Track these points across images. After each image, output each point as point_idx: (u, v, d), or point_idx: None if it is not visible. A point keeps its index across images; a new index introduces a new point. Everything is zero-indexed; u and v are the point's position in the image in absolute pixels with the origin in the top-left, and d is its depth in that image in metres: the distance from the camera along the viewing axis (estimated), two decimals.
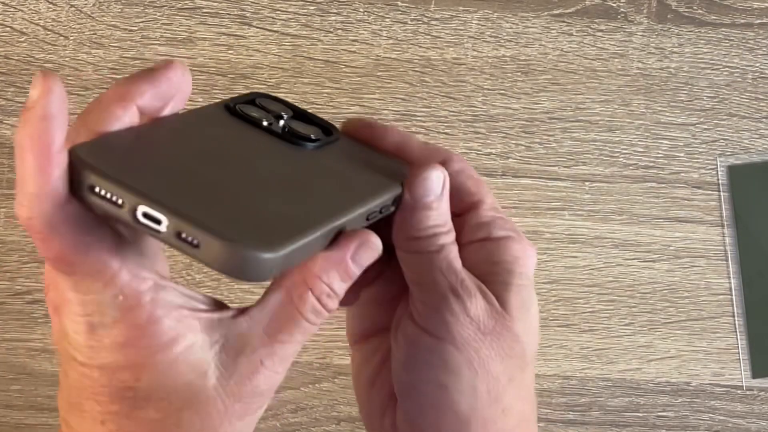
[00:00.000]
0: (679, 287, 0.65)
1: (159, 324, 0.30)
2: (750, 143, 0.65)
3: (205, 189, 0.30)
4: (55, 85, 0.29)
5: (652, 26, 0.65)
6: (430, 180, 0.35)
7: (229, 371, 0.31)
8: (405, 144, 0.38)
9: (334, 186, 0.35)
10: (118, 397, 0.30)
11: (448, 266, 0.35)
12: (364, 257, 0.33)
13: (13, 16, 0.64)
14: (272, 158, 0.35)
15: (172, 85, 0.32)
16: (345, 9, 0.64)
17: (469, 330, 0.35)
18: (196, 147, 0.33)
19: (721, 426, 0.64)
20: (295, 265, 0.30)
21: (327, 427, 0.63)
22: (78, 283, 0.29)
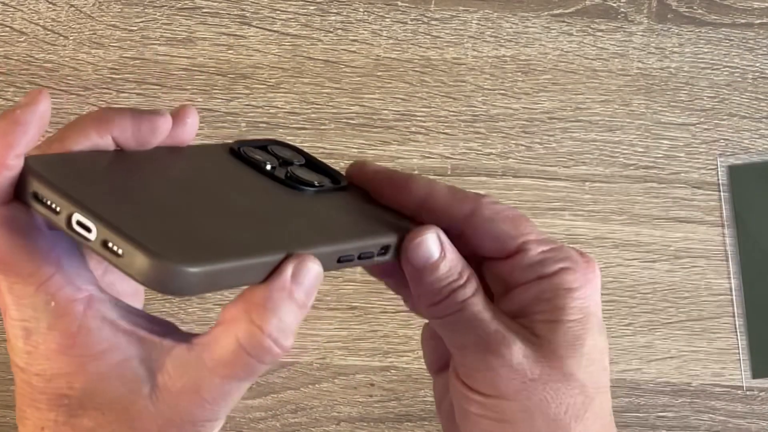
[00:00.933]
0: (679, 287, 0.65)
1: (90, 334, 0.30)
2: (750, 143, 0.65)
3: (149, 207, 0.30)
4: (42, 102, 0.31)
5: (652, 26, 0.65)
6: (424, 244, 0.34)
7: (165, 395, 0.30)
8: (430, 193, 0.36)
9: (309, 225, 0.34)
10: (55, 405, 0.30)
11: (474, 323, 0.34)
12: (306, 278, 0.30)
13: (12, 16, 0.64)
14: (253, 193, 0.34)
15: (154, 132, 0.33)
16: (345, 9, 0.64)
17: (515, 381, 0.34)
18: (166, 174, 0.33)
19: (721, 426, 0.64)
20: (225, 287, 0.29)
21: (327, 428, 0.63)
22: (12, 286, 0.30)
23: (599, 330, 0.35)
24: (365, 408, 0.63)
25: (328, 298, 0.64)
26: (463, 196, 0.36)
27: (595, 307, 0.35)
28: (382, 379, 0.63)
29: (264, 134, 0.63)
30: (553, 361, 0.34)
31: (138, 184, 0.32)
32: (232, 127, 0.64)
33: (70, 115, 0.63)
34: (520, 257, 0.35)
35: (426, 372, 0.64)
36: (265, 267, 0.29)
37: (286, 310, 0.29)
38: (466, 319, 0.34)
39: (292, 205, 0.35)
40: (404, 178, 0.36)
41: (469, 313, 0.34)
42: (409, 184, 0.36)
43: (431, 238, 0.34)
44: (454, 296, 0.34)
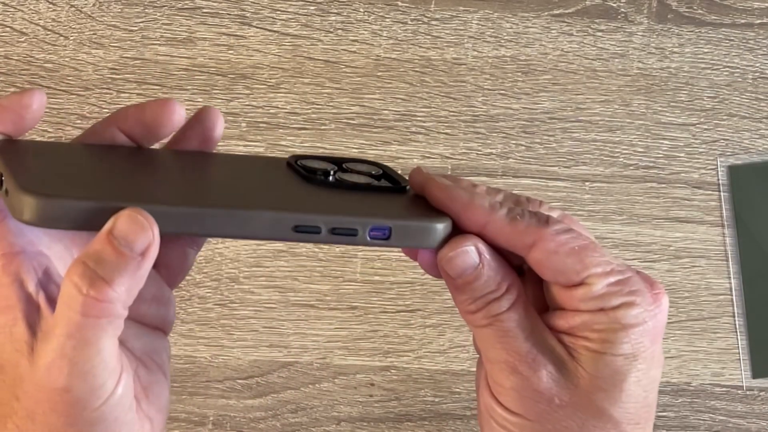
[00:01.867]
0: (679, 287, 0.65)
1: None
2: (750, 143, 0.65)
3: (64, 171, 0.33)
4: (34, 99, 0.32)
5: (652, 26, 0.65)
6: (460, 257, 0.33)
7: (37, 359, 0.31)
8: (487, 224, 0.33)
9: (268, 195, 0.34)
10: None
11: (506, 339, 0.33)
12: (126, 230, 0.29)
13: (13, 16, 0.64)
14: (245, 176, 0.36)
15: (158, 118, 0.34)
16: (345, 9, 0.64)
17: (541, 404, 0.33)
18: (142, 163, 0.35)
19: (721, 426, 0.64)
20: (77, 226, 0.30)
21: (327, 427, 0.63)
22: None
23: (650, 365, 0.33)
24: (365, 408, 0.63)
25: (328, 298, 0.64)
26: (524, 230, 0.33)
27: (651, 342, 0.33)
28: (382, 379, 0.63)
29: (264, 134, 0.64)
30: (587, 392, 0.33)
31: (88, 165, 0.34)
32: (232, 127, 0.64)
33: (70, 115, 0.63)
34: (583, 290, 0.33)
35: (426, 372, 0.64)
36: (105, 214, 0.30)
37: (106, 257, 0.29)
38: (498, 333, 0.33)
39: (288, 188, 0.35)
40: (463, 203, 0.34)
41: (502, 328, 0.33)
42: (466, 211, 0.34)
43: (469, 252, 0.33)
44: (489, 309, 0.33)
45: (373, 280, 0.64)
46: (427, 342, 0.64)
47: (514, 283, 0.34)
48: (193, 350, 0.63)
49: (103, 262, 0.30)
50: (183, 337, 0.63)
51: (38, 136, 0.63)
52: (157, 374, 0.37)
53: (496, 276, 0.33)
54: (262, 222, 0.32)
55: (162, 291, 0.37)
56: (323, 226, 0.32)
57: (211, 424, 0.63)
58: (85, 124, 0.63)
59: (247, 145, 0.63)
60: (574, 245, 0.33)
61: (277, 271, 0.64)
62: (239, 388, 0.63)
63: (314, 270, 0.64)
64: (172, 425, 0.63)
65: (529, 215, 0.33)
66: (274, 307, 0.63)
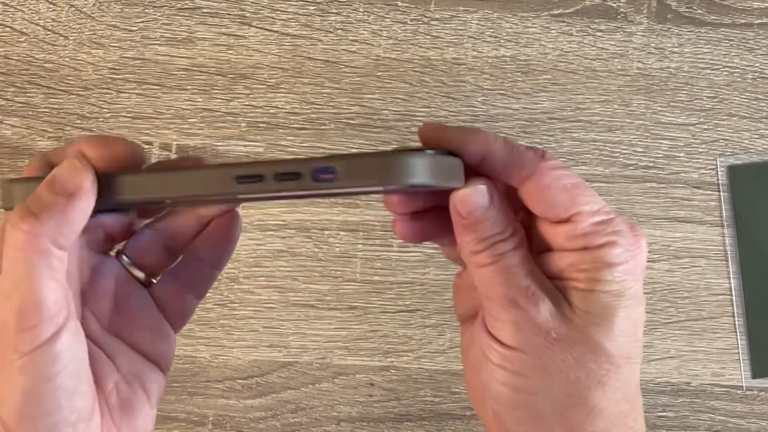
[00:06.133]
0: (679, 287, 0.65)
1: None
2: (750, 143, 0.65)
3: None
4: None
5: (652, 26, 0.65)
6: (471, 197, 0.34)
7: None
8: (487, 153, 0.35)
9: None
10: None
11: (508, 276, 0.34)
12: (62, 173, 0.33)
13: (13, 16, 0.64)
14: None
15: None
16: (345, 9, 0.64)
17: (538, 337, 0.34)
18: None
19: (721, 426, 0.64)
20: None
21: (327, 427, 0.63)
22: None
23: (636, 303, 0.35)
24: (365, 408, 0.63)
25: (328, 298, 0.64)
26: (521, 159, 0.35)
27: (633, 281, 0.35)
28: (382, 379, 0.63)
29: (264, 134, 0.64)
30: (581, 327, 0.34)
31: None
32: (232, 127, 0.64)
33: (70, 114, 0.63)
34: (570, 227, 0.35)
35: (426, 372, 0.64)
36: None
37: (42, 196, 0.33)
38: (501, 270, 0.34)
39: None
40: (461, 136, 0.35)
41: (505, 265, 0.34)
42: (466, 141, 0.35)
43: (482, 191, 0.34)
44: (495, 248, 0.35)
45: (372, 280, 0.64)
46: (426, 342, 0.64)
47: (518, 228, 0.35)
48: (193, 350, 0.63)
49: (37, 201, 0.33)
50: (183, 337, 0.63)
51: (38, 136, 0.63)
52: (139, 397, 0.38)
53: (504, 219, 0.35)
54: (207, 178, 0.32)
55: (160, 324, 0.40)
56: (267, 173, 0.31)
57: (211, 424, 0.63)
58: (85, 124, 0.63)
59: (247, 145, 0.63)
60: (566, 182, 0.34)
61: (276, 271, 0.64)
62: (239, 388, 0.63)
63: (314, 270, 0.64)
64: (172, 425, 0.63)
65: (526, 148, 0.35)
66: (273, 307, 0.63)
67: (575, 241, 0.34)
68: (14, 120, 0.63)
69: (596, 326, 0.34)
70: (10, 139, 0.63)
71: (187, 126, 0.64)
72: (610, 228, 0.34)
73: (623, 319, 0.34)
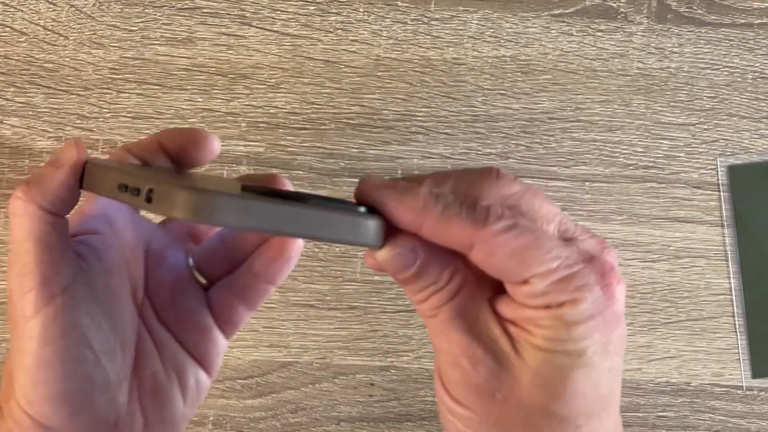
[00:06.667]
0: (679, 287, 0.65)
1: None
2: (750, 143, 0.65)
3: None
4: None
5: (652, 26, 0.65)
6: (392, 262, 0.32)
7: None
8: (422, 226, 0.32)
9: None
10: None
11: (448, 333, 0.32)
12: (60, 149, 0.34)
13: (13, 16, 0.64)
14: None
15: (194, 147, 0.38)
16: (345, 9, 0.64)
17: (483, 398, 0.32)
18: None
19: (721, 426, 0.64)
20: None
21: (327, 427, 0.63)
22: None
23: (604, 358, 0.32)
24: (365, 408, 0.63)
25: (328, 298, 0.64)
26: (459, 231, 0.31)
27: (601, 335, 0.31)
28: (382, 379, 0.63)
29: (264, 134, 0.64)
30: (528, 388, 0.32)
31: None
32: (232, 127, 0.64)
33: (70, 114, 0.63)
34: (527, 288, 0.32)
35: (426, 372, 0.64)
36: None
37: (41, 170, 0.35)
38: (441, 324, 0.33)
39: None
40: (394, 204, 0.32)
41: (444, 320, 0.32)
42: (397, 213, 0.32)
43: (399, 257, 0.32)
44: (430, 301, 0.33)
45: (373, 280, 0.64)
46: (426, 342, 0.64)
47: (457, 271, 0.33)
48: None
49: (34, 173, 0.35)
50: None
51: (38, 136, 0.63)
52: (174, 390, 0.39)
53: (436, 268, 0.32)
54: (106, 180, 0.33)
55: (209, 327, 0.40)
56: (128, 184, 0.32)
57: (211, 424, 0.63)
58: (85, 124, 0.63)
59: (247, 145, 0.63)
60: (514, 245, 0.31)
61: None
62: (239, 388, 0.63)
63: (314, 270, 0.64)
64: None
65: (466, 212, 0.31)
66: (273, 307, 0.63)
67: (534, 300, 0.31)
68: (14, 120, 0.63)
69: (544, 389, 0.32)
70: (10, 139, 0.63)
71: (188, 126, 0.64)
72: (573, 284, 0.31)
73: (579, 381, 0.32)
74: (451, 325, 0.32)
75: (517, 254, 0.31)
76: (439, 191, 0.32)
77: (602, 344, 0.32)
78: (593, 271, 0.32)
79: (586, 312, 0.31)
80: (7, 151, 0.63)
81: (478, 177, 0.33)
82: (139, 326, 0.38)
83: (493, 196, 0.32)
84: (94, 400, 0.35)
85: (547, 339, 0.31)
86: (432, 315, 0.33)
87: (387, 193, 0.32)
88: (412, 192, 0.32)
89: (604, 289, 0.32)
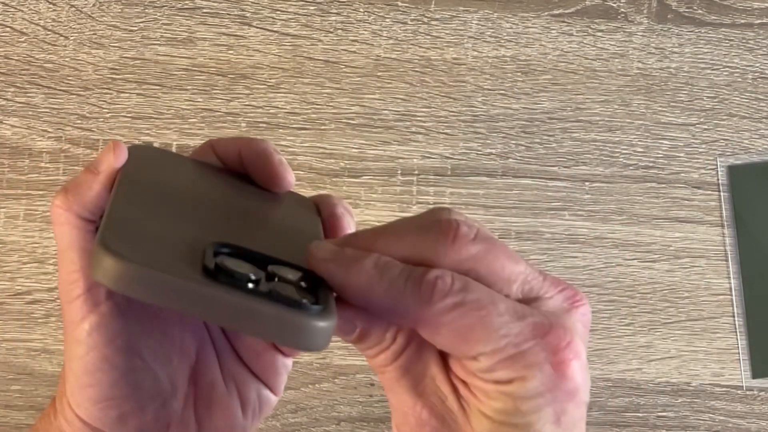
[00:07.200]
0: (679, 287, 0.65)
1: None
2: (750, 143, 0.65)
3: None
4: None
5: (652, 26, 0.65)
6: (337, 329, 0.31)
7: None
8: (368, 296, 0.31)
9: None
10: None
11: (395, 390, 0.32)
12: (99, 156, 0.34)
13: (13, 16, 0.64)
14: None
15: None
16: (345, 9, 0.64)
17: None
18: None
19: (721, 426, 0.64)
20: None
21: (327, 427, 0.63)
22: None
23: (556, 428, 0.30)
24: (365, 408, 0.63)
25: None
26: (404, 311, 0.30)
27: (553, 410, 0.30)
28: None
29: (264, 134, 0.64)
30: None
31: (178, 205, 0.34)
32: (232, 127, 0.64)
33: (70, 115, 0.63)
34: (474, 364, 0.30)
35: None
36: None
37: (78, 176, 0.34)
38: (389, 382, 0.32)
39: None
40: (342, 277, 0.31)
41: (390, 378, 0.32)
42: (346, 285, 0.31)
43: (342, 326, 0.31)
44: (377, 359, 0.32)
45: None
46: None
47: (401, 330, 0.31)
48: None
49: (73, 180, 0.34)
50: None
51: (38, 136, 0.63)
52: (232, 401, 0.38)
53: (379, 330, 0.31)
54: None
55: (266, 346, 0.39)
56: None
57: None
58: (86, 124, 0.63)
59: None
60: (458, 325, 0.29)
61: None
62: None
63: None
64: None
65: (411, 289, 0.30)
66: None
67: (482, 375, 0.30)
68: (14, 120, 0.63)
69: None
70: (10, 139, 0.63)
71: (187, 126, 0.64)
72: (522, 362, 0.29)
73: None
74: (397, 383, 0.32)
75: (462, 334, 0.30)
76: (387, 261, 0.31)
77: (555, 417, 0.30)
78: (544, 349, 0.30)
79: (535, 390, 0.30)
80: (7, 151, 0.63)
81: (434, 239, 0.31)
82: (202, 333, 0.38)
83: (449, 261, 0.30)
84: (144, 406, 0.34)
85: (495, 411, 0.30)
86: (381, 372, 0.32)
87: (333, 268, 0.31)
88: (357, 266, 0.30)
89: (556, 367, 0.30)
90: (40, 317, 0.63)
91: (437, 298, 0.29)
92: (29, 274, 0.63)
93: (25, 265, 0.63)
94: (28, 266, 0.63)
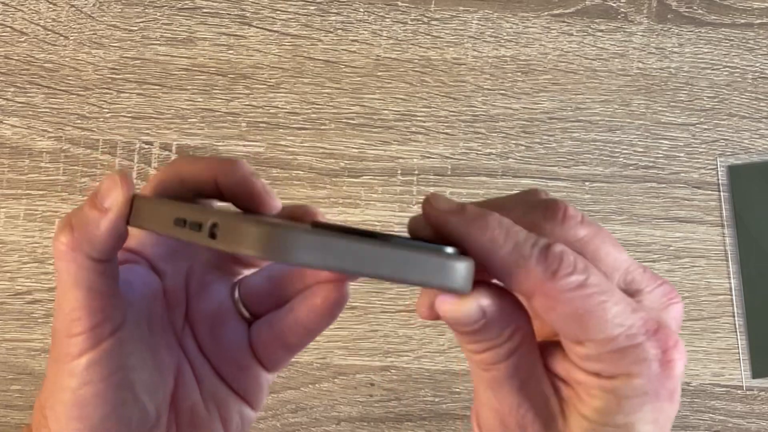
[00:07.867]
0: (679, 287, 0.65)
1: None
2: (750, 143, 0.65)
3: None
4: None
5: (652, 26, 0.65)
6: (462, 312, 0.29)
7: None
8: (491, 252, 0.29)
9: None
10: None
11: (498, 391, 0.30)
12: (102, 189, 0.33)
13: (13, 16, 0.64)
14: None
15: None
16: (345, 9, 0.64)
17: None
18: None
19: (721, 426, 0.64)
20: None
21: (327, 427, 0.63)
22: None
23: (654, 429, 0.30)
24: (365, 408, 0.63)
25: None
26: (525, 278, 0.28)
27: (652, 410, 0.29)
28: (382, 379, 0.63)
29: (264, 134, 0.64)
30: None
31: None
32: (232, 127, 0.64)
33: (70, 115, 0.63)
34: (582, 350, 0.29)
35: (426, 372, 0.64)
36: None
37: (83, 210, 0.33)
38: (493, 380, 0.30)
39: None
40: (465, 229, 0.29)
41: (497, 377, 0.30)
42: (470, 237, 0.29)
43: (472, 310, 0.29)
44: (485, 356, 0.30)
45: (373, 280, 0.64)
46: (426, 342, 0.64)
47: (519, 328, 0.30)
48: None
49: (78, 215, 0.33)
50: None
51: (38, 136, 0.63)
52: (215, 424, 0.38)
53: (499, 324, 0.29)
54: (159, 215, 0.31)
55: (249, 363, 0.38)
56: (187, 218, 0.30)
57: None
58: (86, 124, 0.63)
59: (246, 145, 0.63)
60: (578, 305, 0.28)
61: None
62: None
63: None
64: None
65: (538, 256, 0.28)
66: None
67: (585, 364, 0.29)
68: (14, 120, 0.63)
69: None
70: (10, 139, 0.63)
71: (188, 126, 0.64)
72: (631, 357, 0.29)
73: None
74: (503, 383, 0.30)
75: (579, 315, 0.28)
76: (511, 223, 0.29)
77: (653, 416, 0.30)
78: (655, 346, 0.29)
79: (641, 388, 0.29)
80: (7, 151, 0.63)
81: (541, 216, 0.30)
82: (179, 356, 0.37)
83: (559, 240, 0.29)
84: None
85: (596, 410, 0.29)
86: (486, 369, 0.31)
87: (456, 220, 0.29)
88: (481, 221, 0.29)
89: (663, 365, 0.29)
90: (40, 317, 0.63)
91: (563, 273, 0.28)
92: (29, 274, 0.63)
93: (25, 265, 0.63)
94: (28, 266, 0.63)
